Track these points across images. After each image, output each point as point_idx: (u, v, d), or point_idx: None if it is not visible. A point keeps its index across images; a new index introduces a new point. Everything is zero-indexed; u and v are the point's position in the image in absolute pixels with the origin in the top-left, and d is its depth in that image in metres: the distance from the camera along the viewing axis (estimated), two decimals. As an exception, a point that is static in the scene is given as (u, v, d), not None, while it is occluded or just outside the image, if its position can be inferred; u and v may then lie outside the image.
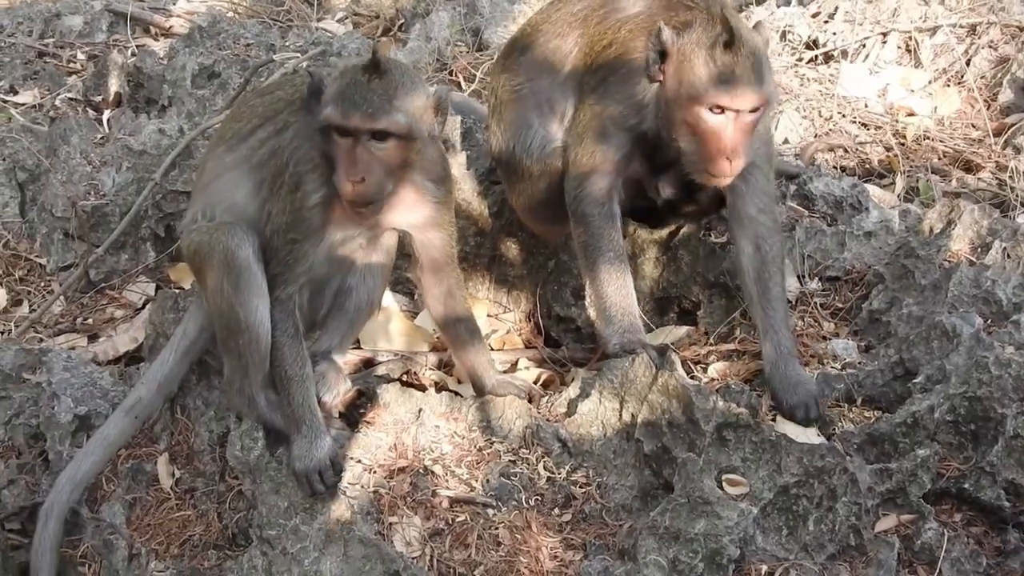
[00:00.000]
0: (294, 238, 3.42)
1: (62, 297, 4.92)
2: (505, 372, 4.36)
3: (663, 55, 3.69)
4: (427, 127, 3.41)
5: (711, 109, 3.62)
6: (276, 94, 3.63)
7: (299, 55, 6.05)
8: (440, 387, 4.19)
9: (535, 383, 4.27)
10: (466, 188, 4.63)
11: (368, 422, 3.73)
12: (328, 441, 3.38)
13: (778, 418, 3.67)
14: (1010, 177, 5.28)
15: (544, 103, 4.13)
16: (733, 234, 3.98)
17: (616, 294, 3.92)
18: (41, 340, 4.69)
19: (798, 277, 4.19)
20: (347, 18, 9.22)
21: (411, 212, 3.54)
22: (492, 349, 4.62)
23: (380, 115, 3.26)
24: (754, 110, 3.61)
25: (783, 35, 6.92)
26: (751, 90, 3.60)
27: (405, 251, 3.86)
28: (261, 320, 3.41)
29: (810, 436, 3.53)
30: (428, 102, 3.40)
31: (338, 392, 3.61)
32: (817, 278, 4.21)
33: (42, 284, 5.15)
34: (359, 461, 3.60)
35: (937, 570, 3.23)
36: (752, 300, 3.92)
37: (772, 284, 3.86)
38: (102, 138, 5.69)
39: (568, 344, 4.60)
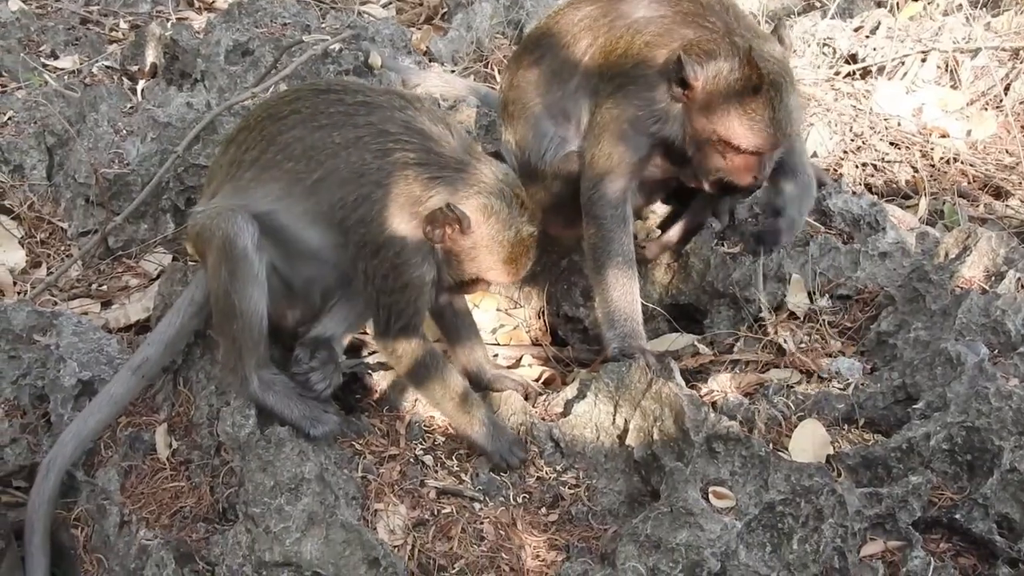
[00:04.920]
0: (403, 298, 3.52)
1: (79, 262, 4.98)
2: (508, 368, 4.36)
3: (684, 82, 3.69)
4: None
5: (740, 151, 3.65)
6: (335, 138, 3.47)
7: (329, 38, 6.06)
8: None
9: (536, 381, 4.27)
10: (484, 181, 4.62)
11: (363, 408, 3.74)
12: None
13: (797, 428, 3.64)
14: (1039, 206, 5.20)
15: (558, 113, 4.13)
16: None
17: (621, 299, 3.90)
18: (55, 303, 4.76)
19: (808, 294, 4.14)
20: (391, 3, 9.23)
21: None
22: (498, 344, 4.63)
23: None
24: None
25: (823, 47, 6.86)
26: (781, 135, 3.67)
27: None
28: (255, 307, 3.43)
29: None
30: None
31: (331, 383, 3.61)
32: (828, 295, 4.16)
33: (62, 248, 5.22)
34: (351, 445, 3.62)
35: (920, 599, 3.19)
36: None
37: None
38: (131, 108, 5.75)
39: (574, 344, 4.59)
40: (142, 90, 6.23)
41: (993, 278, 3.93)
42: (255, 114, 3.70)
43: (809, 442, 3.57)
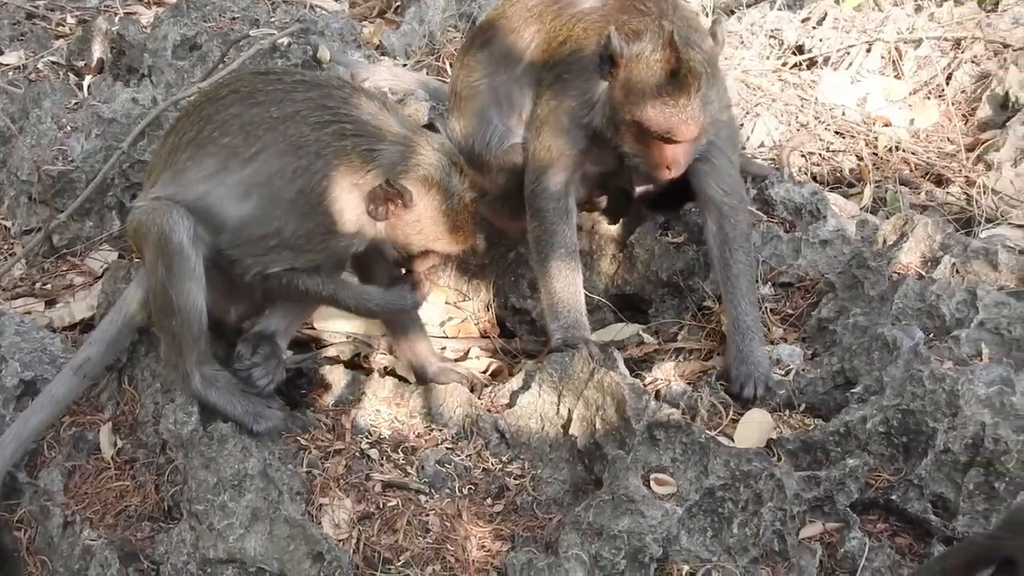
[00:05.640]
0: (313, 258, 3.54)
1: (23, 261, 4.93)
2: (456, 360, 4.37)
3: (612, 60, 3.69)
4: None
5: (652, 136, 3.65)
6: (272, 113, 3.48)
7: (277, 32, 6.03)
8: (389, 372, 4.20)
9: (484, 373, 4.29)
10: (430, 175, 4.62)
11: (308, 403, 3.74)
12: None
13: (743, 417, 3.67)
14: (978, 192, 5.27)
15: (503, 99, 4.14)
16: (701, 214, 4.06)
17: (564, 290, 3.93)
18: (-2, 303, 4.71)
19: (751, 281, 4.18)
20: (344, -4, 9.18)
21: None
22: (447, 337, 4.64)
23: None
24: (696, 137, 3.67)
25: (770, 38, 6.92)
26: (692, 124, 3.63)
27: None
28: (193, 303, 3.43)
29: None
30: None
31: (273, 379, 3.60)
32: (770, 283, 4.21)
33: (5, 247, 5.17)
34: (296, 440, 3.62)
35: (857, 579, 3.24)
36: (718, 277, 3.98)
37: (734, 261, 3.91)
38: (76, 104, 5.69)
39: (522, 336, 4.61)
40: (88, 86, 6.17)
41: (929, 263, 4.00)
42: (194, 102, 3.70)
43: (755, 430, 3.62)
